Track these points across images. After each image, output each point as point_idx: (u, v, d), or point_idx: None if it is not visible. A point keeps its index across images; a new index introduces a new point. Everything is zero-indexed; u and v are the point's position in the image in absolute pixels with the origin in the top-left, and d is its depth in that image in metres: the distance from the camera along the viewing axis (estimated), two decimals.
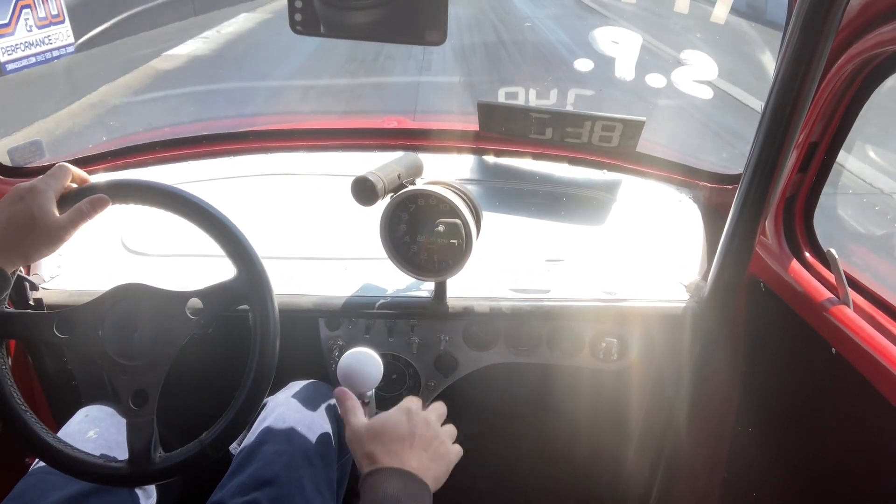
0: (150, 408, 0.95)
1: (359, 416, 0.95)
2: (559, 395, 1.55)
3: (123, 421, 1.19)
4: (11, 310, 0.96)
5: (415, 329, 1.40)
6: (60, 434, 1.13)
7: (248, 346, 0.98)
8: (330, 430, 1.20)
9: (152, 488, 1.15)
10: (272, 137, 1.68)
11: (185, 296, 0.97)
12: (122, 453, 1.09)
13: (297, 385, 1.28)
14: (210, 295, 0.98)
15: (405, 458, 0.85)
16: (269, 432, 1.14)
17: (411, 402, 0.96)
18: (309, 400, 1.24)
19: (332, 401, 1.28)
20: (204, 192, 1.03)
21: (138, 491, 1.11)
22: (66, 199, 0.95)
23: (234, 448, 1.17)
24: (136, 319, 0.96)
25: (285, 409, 1.20)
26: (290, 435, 1.14)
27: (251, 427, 1.20)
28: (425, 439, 0.90)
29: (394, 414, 0.93)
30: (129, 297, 0.97)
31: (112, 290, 0.97)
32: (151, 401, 0.95)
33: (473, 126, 1.61)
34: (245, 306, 1.00)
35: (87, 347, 0.95)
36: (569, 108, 1.66)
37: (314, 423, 1.19)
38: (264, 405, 1.24)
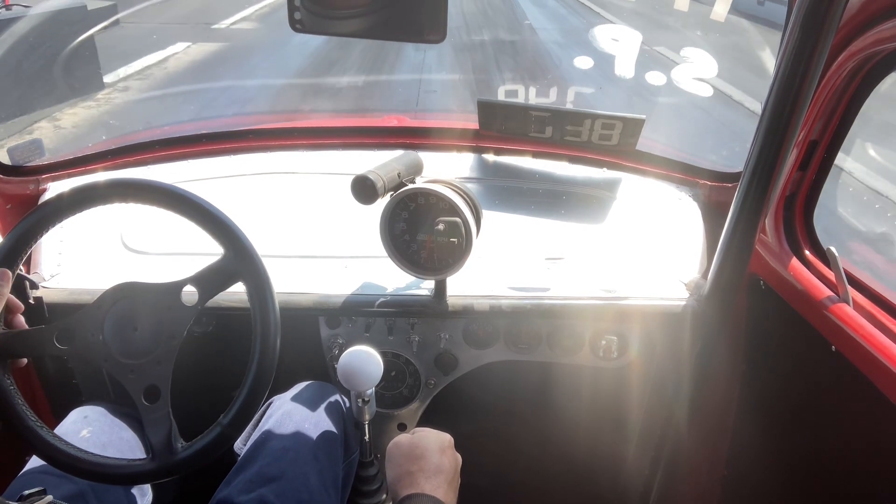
0: (164, 401, 0.95)
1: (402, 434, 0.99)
2: (559, 393, 1.55)
3: (116, 421, 1.19)
4: (10, 330, 0.96)
5: (415, 327, 1.40)
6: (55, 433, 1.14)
7: (248, 343, 0.99)
8: (336, 429, 1.20)
9: (147, 487, 1.15)
10: (272, 136, 1.68)
11: (179, 285, 0.97)
12: (113, 452, 1.10)
13: (302, 385, 1.29)
14: (202, 279, 0.98)
15: (444, 491, 0.89)
16: (275, 430, 1.15)
17: (448, 436, 0.99)
18: (315, 399, 1.24)
19: (338, 399, 1.28)
20: (204, 190, 1.03)
21: (134, 490, 1.12)
22: None
23: (240, 447, 1.17)
24: (135, 317, 0.96)
25: (291, 408, 1.20)
26: (297, 433, 1.15)
27: (257, 425, 1.20)
28: (456, 477, 0.95)
29: (435, 441, 0.95)
30: (125, 297, 0.97)
31: (106, 292, 0.97)
32: (164, 394, 0.95)
33: (473, 124, 1.61)
34: (243, 306, 1.00)
35: (91, 354, 0.96)
36: (569, 106, 1.66)
37: (320, 422, 1.19)
38: (270, 403, 1.24)
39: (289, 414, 1.18)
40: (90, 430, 1.14)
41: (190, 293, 0.98)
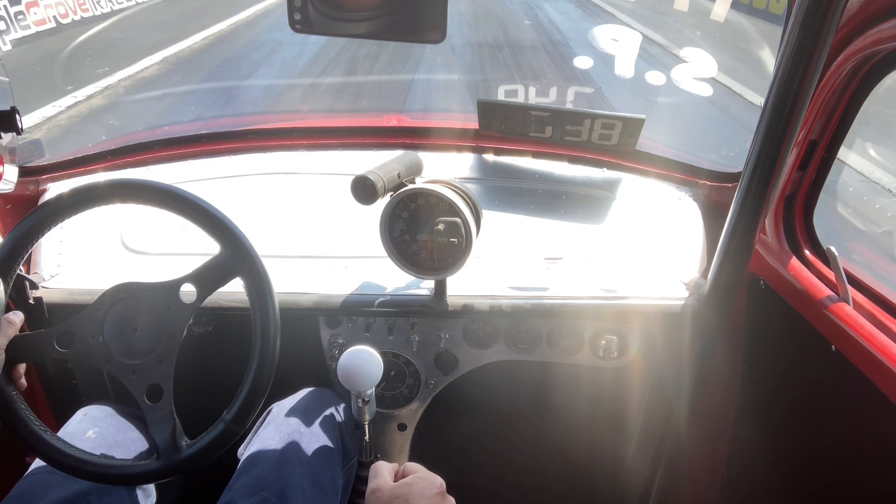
0: (167, 400, 0.95)
1: (384, 476, 0.88)
2: (559, 392, 1.55)
3: (122, 420, 1.19)
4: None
5: (415, 327, 1.40)
6: (60, 434, 1.13)
7: (248, 343, 0.99)
8: (335, 436, 1.21)
9: (152, 488, 1.16)
10: (272, 136, 1.68)
11: (177, 283, 0.98)
12: (120, 452, 1.10)
13: (302, 392, 1.30)
14: (200, 276, 0.98)
15: None
16: (274, 436, 1.15)
17: (438, 481, 0.87)
18: (314, 406, 1.25)
19: (337, 406, 1.29)
20: (204, 191, 1.03)
21: (138, 491, 1.12)
22: None
23: (241, 452, 1.18)
24: (134, 317, 0.97)
25: (290, 415, 1.21)
26: (296, 439, 1.15)
27: (257, 431, 1.21)
28: None
29: (420, 490, 0.84)
30: (123, 297, 0.97)
31: (104, 293, 0.97)
32: (167, 393, 0.96)
33: (473, 124, 1.61)
34: (242, 305, 1.00)
35: (92, 356, 0.96)
36: (568, 105, 1.66)
37: (319, 429, 1.19)
38: (269, 411, 1.25)
39: (287, 421, 1.19)
40: (96, 430, 1.14)
41: (188, 291, 0.98)
